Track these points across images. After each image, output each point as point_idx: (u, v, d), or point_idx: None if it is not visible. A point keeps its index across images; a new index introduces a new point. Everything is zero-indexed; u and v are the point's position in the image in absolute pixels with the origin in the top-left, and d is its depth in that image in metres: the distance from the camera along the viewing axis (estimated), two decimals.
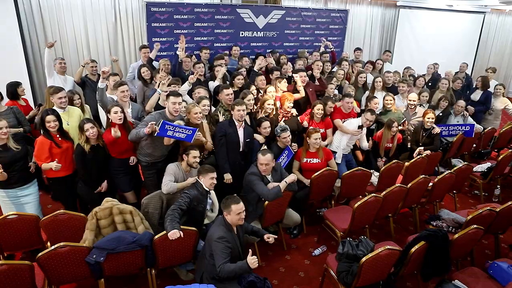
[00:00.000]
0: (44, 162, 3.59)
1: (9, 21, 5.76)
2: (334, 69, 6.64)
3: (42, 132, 3.70)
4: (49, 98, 4.18)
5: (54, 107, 4.13)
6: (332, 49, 7.43)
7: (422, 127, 5.17)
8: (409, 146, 5.20)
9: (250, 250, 2.99)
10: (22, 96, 4.96)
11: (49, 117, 3.63)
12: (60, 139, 3.73)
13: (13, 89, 4.78)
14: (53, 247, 2.79)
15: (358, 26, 9.42)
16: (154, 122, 3.58)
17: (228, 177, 4.12)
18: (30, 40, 6.20)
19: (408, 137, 5.26)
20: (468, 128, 5.60)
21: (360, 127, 4.85)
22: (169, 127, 3.62)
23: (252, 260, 2.86)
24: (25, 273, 2.68)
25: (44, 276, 2.94)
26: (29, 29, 6.14)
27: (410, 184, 4.13)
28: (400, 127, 5.11)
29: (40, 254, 2.77)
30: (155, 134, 3.61)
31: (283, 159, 4.32)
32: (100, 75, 4.19)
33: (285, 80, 5.37)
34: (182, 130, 3.67)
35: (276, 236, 3.41)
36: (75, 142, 3.83)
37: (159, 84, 4.57)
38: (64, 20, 6.37)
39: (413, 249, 3.11)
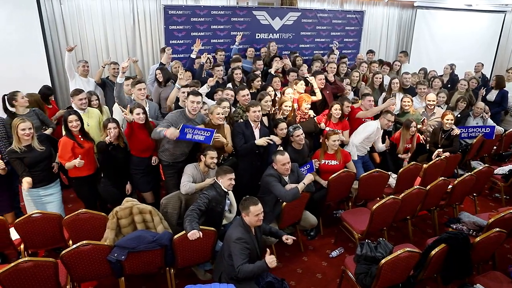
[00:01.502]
0: (68, 161, 3.69)
1: (33, 27, 5.93)
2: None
3: (65, 133, 3.80)
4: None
5: (75, 109, 4.23)
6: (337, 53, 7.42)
7: (441, 128, 5.10)
8: (427, 147, 5.14)
9: (267, 249, 3.00)
10: (51, 99, 5.11)
11: (71, 117, 3.74)
12: (82, 139, 3.84)
13: (48, 93, 4.90)
14: (76, 245, 2.86)
15: (374, 27, 9.35)
16: (174, 131, 3.64)
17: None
18: (52, 44, 6.36)
19: (427, 138, 5.19)
20: (488, 130, 5.50)
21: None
22: (188, 130, 3.70)
23: (270, 260, 2.88)
24: (50, 270, 2.75)
25: (66, 273, 3.01)
26: (51, 34, 6.31)
27: (429, 186, 4.08)
28: (419, 126, 5.05)
29: (64, 251, 2.84)
30: (175, 139, 3.69)
31: (303, 171, 4.24)
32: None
33: (302, 81, 5.37)
34: (201, 132, 3.74)
35: (295, 238, 3.42)
36: (96, 143, 3.91)
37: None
38: (84, 25, 6.52)
39: (433, 252, 3.07)
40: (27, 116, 4.25)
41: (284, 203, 3.73)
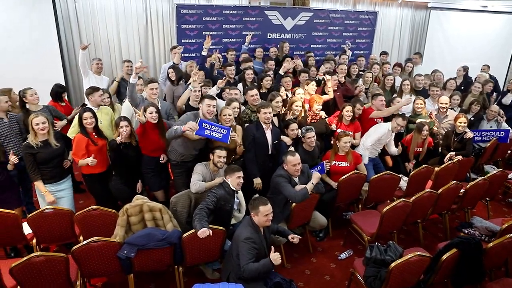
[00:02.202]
0: (81, 159, 3.74)
1: (48, 26, 6.04)
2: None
3: (80, 130, 3.84)
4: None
5: (89, 106, 4.28)
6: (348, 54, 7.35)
7: (454, 131, 5.03)
8: (439, 150, 5.07)
9: (272, 247, 2.99)
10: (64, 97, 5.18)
11: (86, 114, 3.79)
12: (96, 136, 3.88)
13: (60, 91, 4.99)
14: (87, 241, 2.89)
15: (387, 28, 9.26)
16: (194, 124, 3.63)
17: (258, 181, 4.13)
18: (66, 43, 6.45)
19: (440, 141, 5.12)
20: (502, 133, 5.41)
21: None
22: (206, 126, 3.70)
23: (275, 257, 2.88)
24: (61, 265, 2.79)
25: (77, 269, 3.05)
26: (65, 33, 6.40)
27: (440, 190, 4.02)
28: (434, 128, 4.99)
29: (75, 247, 2.88)
30: (195, 133, 3.67)
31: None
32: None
33: (313, 82, 5.36)
34: (218, 130, 3.74)
35: (301, 237, 3.41)
36: (108, 141, 3.96)
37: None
38: (98, 24, 6.60)
39: (444, 256, 3.03)
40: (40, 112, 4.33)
41: (294, 204, 3.72)
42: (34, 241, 3.51)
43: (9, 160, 3.66)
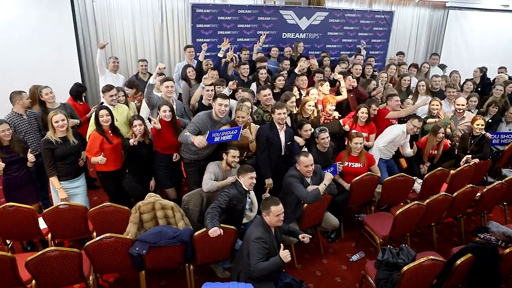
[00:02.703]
0: (94, 156, 3.80)
1: (66, 23, 6.16)
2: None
3: (95, 128, 3.90)
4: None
5: (105, 104, 4.35)
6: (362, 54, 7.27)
7: (471, 134, 4.93)
8: (455, 153, 4.98)
9: (281, 245, 2.98)
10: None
11: (102, 112, 3.85)
12: (111, 135, 3.93)
13: (81, 90, 5.08)
14: (99, 237, 2.94)
15: (404, 28, 9.12)
16: (202, 140, 3.70)
17: (269, 182, 4.12)
18: (83, 41, 6.56)
19: (456, 143, 5.03)
20: None
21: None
22: (216, 135, 3.77)
23: (284, 254, 2.88)
24: (74, 260, 2.84)
25: (90, 264, 3.10)
26: (83, 31, 6.52)
27: (456, 193, 3.94)
28: (448, 130, 4.90)
29: (88, 243, 2.92)
30: (206, 144, 3.74)
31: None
32: (151, 74, 4.31)
33: (327, 83, 5.32)
34: (227, 133, 3.79)
35: (311, 236, 3.39)
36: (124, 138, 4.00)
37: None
38: (114, 23, 6.70)
39: (458, 261, 2.97)
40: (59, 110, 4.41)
41: (306, 204, 3.70)
42: (49, 236, 3.58)
43: (28, 158, 3.75)
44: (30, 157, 3.74)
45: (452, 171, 4.48)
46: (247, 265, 3.01)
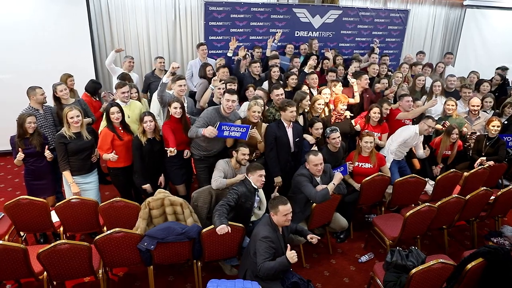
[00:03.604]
0: (105, 153, 3.85)
1: (81, 21, 6.23)
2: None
3: (106, 124, 3.95)
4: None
5: (117, 101, 4.39)
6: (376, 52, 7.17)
7: (486, 135, 4.82)
8: (470, 155, 4.88)
9: (288, 245, 2.97)
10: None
11: (113, 109, 3.90)
12: (122, 131, 3.98)
13: (98, 87, 5.17)
14: (109, 232, 2.97)
15: (419, 27, 8.97)
16: (213, 130, 3.72)
17: (278, 180, 4.12)
18: (98, 39, 6.64)
19: (471, 145, 4.93)
20: None
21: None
22: (225, 128, 3.77)
23: (291, 255, 2.86)
24: (84, 253, 2.89)
25: (99, 258, 3.14)
26: (97, 29, 6.59)
27: (469, 196, 3.87)
28: (464, 129, 4.81)
29: (97, 237, 2.96)
30: (214, 136, 3.76)
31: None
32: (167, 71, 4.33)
33: (340, 84, 5.28)
34: (237, 129, 3.79)
35: (320, 238, 3.37)
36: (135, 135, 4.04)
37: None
38: (128, 20, 6.74)
39: (469, 265, 2.91)
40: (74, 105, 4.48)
41: (314, 204, 3.68)
42: (61, 229, 3.65)
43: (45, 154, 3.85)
44: (47, 153, 3.82)
45: (465, 173, 4.39)
46: (254, 263, 3.02)
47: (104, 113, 4.02)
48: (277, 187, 4.04)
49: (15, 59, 5.94)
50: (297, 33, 7.66)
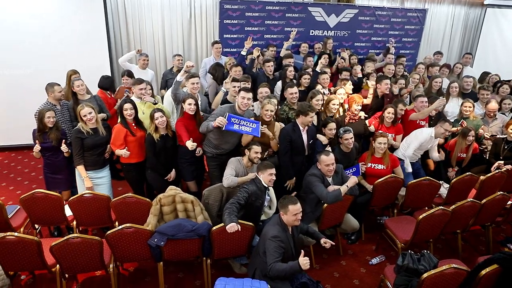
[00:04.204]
0: (118, 148, 3.90)
1: (98, 18, 6.32)
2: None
3: (119, 120, 4.00)
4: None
5: (133, 97, 4.44)
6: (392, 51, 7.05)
7: (504, 139, 4.70)
8: (487, 158, 4.77)
9: (302, 251, 2.95)
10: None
11: (127, 105, 3.95)
12: (135, 127, 4.02)
13: (110, 82, 5.21)
14: (120, 227, 3.01)
15: (437, 27, 8.80)
16: (223, 119, 3.70)
17: (291, 181, 4.12)
18: (114, 36, 6.72)
19: (487, 147, 4.81)
20: None
21: None
22: (235, 120, 3.75)
23: (304, 261, 2.83)
24: (95, 247, 2.93)
25: (110, 253, 3.19)
26: (113, 26, 6.67)
27: (484, 200, 3.78)
28: (480, 131, 4.70)
29: (109, 232, 3.01)
30: (223, 128, 3.74)
31: (349, 174, 4.10)
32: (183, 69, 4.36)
33: (350, 82, 5.23)
34: (247, 124, 3.78)
35: (333, 243, 3.33)
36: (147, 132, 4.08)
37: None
38: (144, 17, 6.81)
39: (483, 272, 2.84)
40: (88, 101, 4.55)
41: (325, 205, 3.66)
42: (74, 223, 3.71)
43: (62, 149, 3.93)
44: (63, 147, 3.90)
45: (482, 177, 4.29)
46: (263, 262, 3.01)
47: (118, 110, 4.07)
48: (290, 187, 4.03)
49: (32, 56, 6.06)
50: (312, 32, 7.61)
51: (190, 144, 3.73)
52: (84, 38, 6.26)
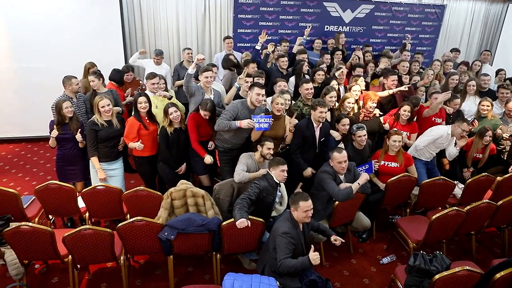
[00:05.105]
0: (131, 141, 3.93)
1: (112, 12, 6.36)
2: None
3: (133, 113, 4.03)
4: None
5: (146, 91, 4.47)
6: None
7: None
8: (505, 159, 4.65)
9: (312, 246, 2.93)
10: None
11: (141, 98, 3.98)
12: (148, 121, 4.05)
13: (121, 75, 5.24)
14: (131, 220, 3.04)
15: (456, 23, 8.57)
16: (250, 121, 3.78)
17: (308, 173, 4.10)
18: (129, 30, 6.76)
19: (505, 147, 4.68)
20: None
21: None
22: (260, 120, 3.81)
23: (314, 257, 2.81)
24: (106, 239, 2.97)
25: (121, 245, 3.22)
26: (128, 20, 6.71)
27: (501, 202, 3.69)
28: (498, 131, 4.61)
29: (120, 224, 3.04)
30: (256, 129, 3.81)
31: (361, 171, 4.01)
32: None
33: (362, 78, 5.16)
34: (264, 120, 3.82)
35: (344, 241, 3.29)
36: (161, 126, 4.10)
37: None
38: (159, 11, 6.82)
39: (498, 275, 2.77)
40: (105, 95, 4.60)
41: (337, 202, 3.62)
42: (87, 214, 3.77)
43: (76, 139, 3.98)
44: (78, 136, 3.95)
45: (499, 178, 4.19)
46: (273, 259, 3.00)
47: (133, 102, 4.10)
48: (300, 184, 4.01)
49: (48, 51, 6.14)
50: (327, 28, 7.53)
51: (208, 160, 3.98)
52: (99, 32, 6.32)
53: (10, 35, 6.01)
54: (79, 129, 4.01)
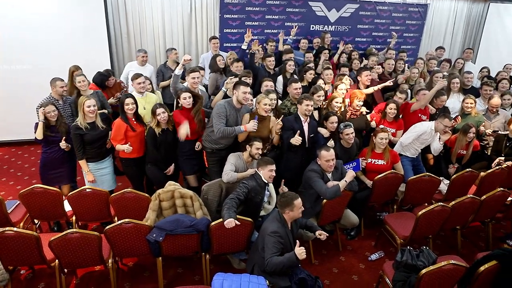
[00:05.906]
0: (118, 144, 3.89)
1: (98, 14, 6.28)
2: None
3: (120, 115, 3.99)
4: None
5: (133, 92, 4.43)
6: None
7: (506, 136, 4.67)
8: (488, 154, 4.74)
9: (297, 241, 2.95)
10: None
11: (128, 100, 3.95)
12: (135, 123, 4.01)
13: (104, 78, 5.15)
14: (119, 222, 3.01)
15: (439, 22, 8.71)
16: (255, 123, 3.82)
17: (298, 139, 4.03)
18: (114, 31, 6.67)
19: (489, 143, 4.78)
20: None
21: None
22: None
23: (300, 251, 2.83)
24: (94, 243, 2.93)
25: (109, 248, 3.19)
26: (114, 21, 6.62)
27: (484, 196, 3.77)
28: (481, 128, 4.69)
29: (107, 227, 3.01)
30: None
31: (348, 169, 4.03)
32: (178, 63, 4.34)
33: (347, 76, 5.22)
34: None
35: (328, 234, 3.31)
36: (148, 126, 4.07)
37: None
38: (144, 12, 6.74)
39: (482, 268, 2.84)
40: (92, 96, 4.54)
41: (325, 200, 3.65)
42: (74, 218, 3.72)
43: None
44: (62, 144, 3.90)
45: (482, 173, 4.28)
46: (262, 258, 3.00)
47: (119, 104, 4.06)
48: (283, 180, 4.02)
49: (32, 51, 6.04)
50: (313, 27, 7.58)
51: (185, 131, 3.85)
52: (84, 33, 6.23)
53: None
54: (67, 132, 3.97)
